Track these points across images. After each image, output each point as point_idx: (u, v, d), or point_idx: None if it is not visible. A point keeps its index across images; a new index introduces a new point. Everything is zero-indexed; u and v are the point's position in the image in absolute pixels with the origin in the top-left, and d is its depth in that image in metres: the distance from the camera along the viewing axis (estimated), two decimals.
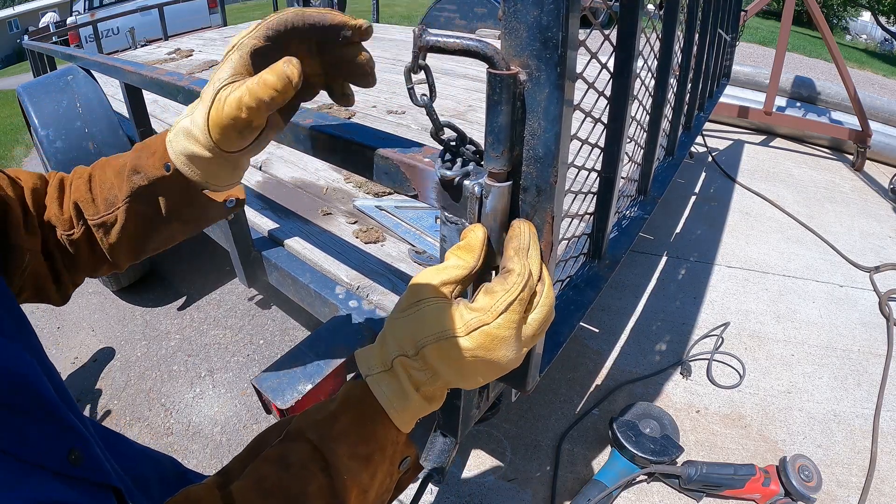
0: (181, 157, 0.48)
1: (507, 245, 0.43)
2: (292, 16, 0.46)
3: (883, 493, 1.42)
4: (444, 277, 0.41)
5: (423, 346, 0.39)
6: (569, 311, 0.91)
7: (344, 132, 0.59)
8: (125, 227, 0.51)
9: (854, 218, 2.79)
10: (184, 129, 0.47)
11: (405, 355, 0.39)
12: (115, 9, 7.23)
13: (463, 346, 0.38)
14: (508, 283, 0.39)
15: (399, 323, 0.40)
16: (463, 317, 0.38)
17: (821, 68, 6.37)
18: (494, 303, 0.38)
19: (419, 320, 0.39)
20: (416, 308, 0.40)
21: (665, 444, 1.40)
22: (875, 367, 1.83)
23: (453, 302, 0.40)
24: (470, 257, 0.42)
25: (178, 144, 0.47)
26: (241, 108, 0.43)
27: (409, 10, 11.07)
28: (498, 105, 0.41)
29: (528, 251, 0.41)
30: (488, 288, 0.40)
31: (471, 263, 0.42)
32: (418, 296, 0.40)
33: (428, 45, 0.40)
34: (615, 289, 2.19)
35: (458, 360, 0.38)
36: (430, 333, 0.38)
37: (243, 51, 0.45)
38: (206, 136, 0.45)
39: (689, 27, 1.39)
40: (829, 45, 3.29)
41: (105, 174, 0.52)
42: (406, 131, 1.87)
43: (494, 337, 0.38)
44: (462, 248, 0.43)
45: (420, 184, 0.51)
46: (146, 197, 0.50)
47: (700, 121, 1.94)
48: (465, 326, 0.38)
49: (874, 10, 12.69)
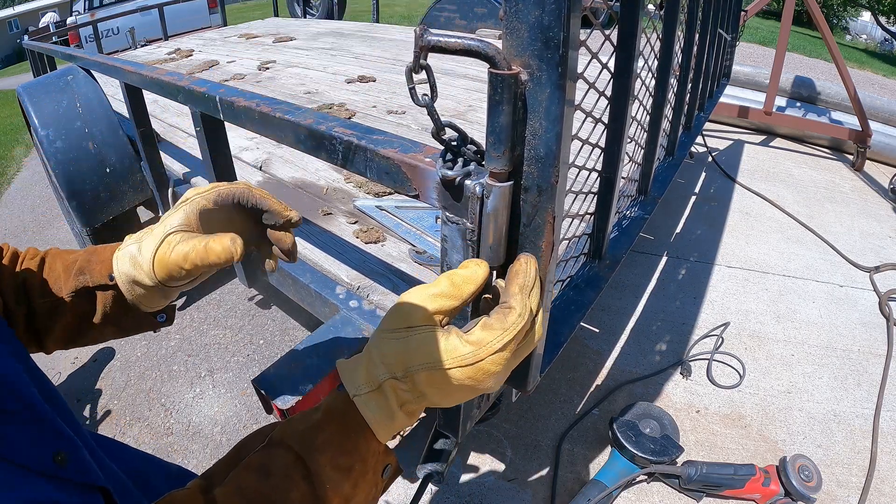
0: (123, 276, 0.53)
1: (512, 280, 0.43)
2: (240, 192, 0.54)
3: (883, 493, 1.42)
4: (438, 307, 0.41)
5: (414, 371, 0.39)
6: (569, 311, 0.91)
7: (344, 132, 0.59)
8: (63, 318, 0.55)
9: (854, 218, 2.79)
10: (131, 254, 0.52)
11: (394, 377, 0.40)
12: (115, 9, 7.23)
13: (454, 376, 0.39)
14: (508, 321, 0.40)
15: (389, 344, 0.40)
16: (458, 349, 0.39)
17: (821, 68, 6.37)
18: (492, 340, 0.39)
19: (411, 347, 0.40)
20: (407, 333, 0.40)
21: (665, 444, 1.40)
22: (875, 367, 1.83)
23: (446, 331, 0.40)
24: (466, 290, 0.42)
25: (123, 266, 0.53)
26: (186, 261, 0.50)
27: (409, 10, 11.07)
28: (499, 105, 0.41)
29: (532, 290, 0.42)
30: (486, 323, 0.40)
31: (465, 297, 0.42)
32: (410, 320, 0.40)
33: (429, 45, 0.40)
34: (615, 289, 2.19)
35: (447, 387, 0.40)
36: (422, 362, 0.39)
37: (194, 207, 0.52)
38: (149, 269, 0.51)
39: (689, 27, 1.39)
40: (829, 45, 3.29)
41: (55, 264, 0.56)
42: (406, 131, 1.87)
43: (486, 371, 0.39)
44: (461, 278, 0.43)
45: (421, 184, 0.51)
46: (87, 297, 0.55)
47: (700, 121, 1.95)
48: (460, 359, 0.39)
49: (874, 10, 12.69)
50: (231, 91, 0.86)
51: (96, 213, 1.74)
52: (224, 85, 0.92)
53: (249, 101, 0.79)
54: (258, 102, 0.77)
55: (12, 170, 4.25)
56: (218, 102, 0.86)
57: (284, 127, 0.70)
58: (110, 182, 1.72)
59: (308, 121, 0.64)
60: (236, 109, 0.82)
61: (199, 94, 0.91)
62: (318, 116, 0.65)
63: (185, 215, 0.52)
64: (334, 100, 2.16)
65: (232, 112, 0.84)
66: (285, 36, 3.56)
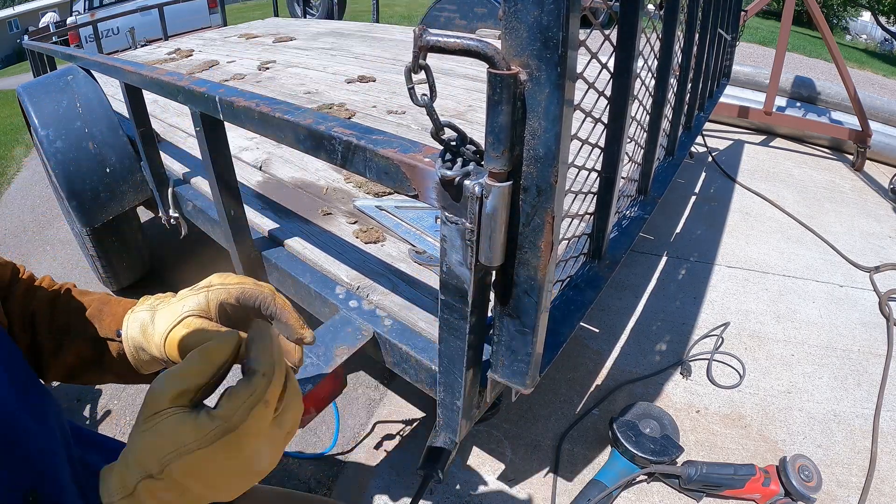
0: (131, 341, 0.52)
1: (251, 345, 0.40)
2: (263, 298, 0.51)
3: (883, 493, 1.42)
4: (184, 386, 0.37)
5: (167, 463, 0.35)
6: (569, 310, 0.91)
7: (344, 132, 0.59)
8: (65, 358, 0.55)
9: (854, 218, 2.79)
10: (142, 322, 0.52)
11: (150, 476, 0.36)
12: (115, 9, 7.24)
13: (208, 457, 0.35)
14: (253, 384, 0.37)
15: (138, 438, 0.37)
16: (204, 426, 0.35)
17: (821, 68, 6.37)
18: (238, 405, 0.36)
19: (158, 435, 0.36)
20: (153, 421, 0.36)
21: (665, 444, 1.40)
22: (875, 367, 1.83)
23: (195, 410, 0.37)
24: (216, 360, 0.39)
25: (133, 330, 0.52)
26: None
27: (409, 10, 11.07)
28: (498, 105, 0.41)
29: (272, 350, 0.40)
30: (231, 391, 0.37)
31: (213, 370, 0.39)
32: (156, 407, 0.37)
33: (429, 45, 0.40)
34: (615, 289, 2.19)
35: (207, 473, 0.36)
36: (171, 450, 0.35)
37: (216, 297, 0.50)
38: (159, 345, 0.50)
39: (689, 27, 1.39)
40: (829, 45, 3.29)
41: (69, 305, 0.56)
42: (406, 131, 1.87)
43: (243, 444, 0.36)
44: (210, 351, 0.40)
45: (420, 184, 0.51)
46: (93, 345, 0.55)
47: (700, 121, 1.95)
48: (207, 437, 0.35)
49: (874, 10, 12.69)
50: (231, 91, 0.86)
51: (96, 213, 1.74)
52: (224, 85, 0.92)
53: (249, 101, 0.79)
54: (258, 102, 0.77)
55: (12, 170, 4.25)
56: (218, 102, 0.86)
57: (284, 127, 0.70)
58: (110, 182, 1.72)
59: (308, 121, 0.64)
60: (236, 109, 0.82)
61: (199, 94, 0.91)
62: (317, 116, 0.65)
63: (203, 302, 0.50)
64: (334, 100, 2.16)
65: (232, 112, 0.84)
66: (285, 36, 3.56)
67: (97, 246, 2.01)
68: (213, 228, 1.40)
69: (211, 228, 1.42)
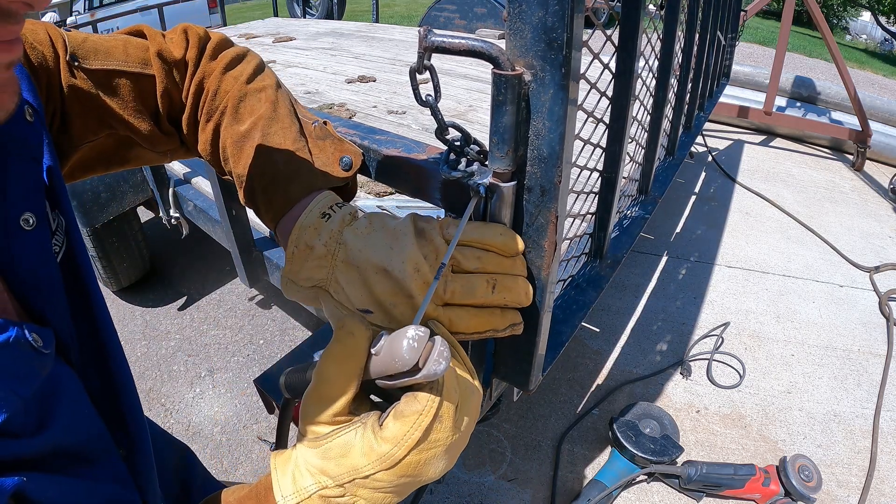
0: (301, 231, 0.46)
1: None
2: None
3: (883, 493, 1.42)
4: (331, 411, 0.36)
5: (342, 482, 0.35)
6: (571, 310, 0.91)
7: (347, 132, 0.59)
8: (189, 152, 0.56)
9: (854, 218, 2.79)
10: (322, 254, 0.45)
11: (325, 487, 0.36)
12: (115, 9, 7.24)
13: (383, 480, 0.35)
14: (420, 402, 0.34)
15: (308, 455, 0.37)
16: (374, 450, 0.34)
17: (821, 68, 6.38)
18: (406, 431, 0.34)
19: (330, 457, 0.36)
20: (324, 441, 0.36)
21: (665, 444, 1.40)
22: (875, 367, 1.84)
23: (361, 424, 0.36)
24: (351, 370, 0.36)
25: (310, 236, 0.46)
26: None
27: (409, 10, 11.07)
28: (503, 105, 0.41)
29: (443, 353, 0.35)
30: (398, 411, 0.35)
31: (354, 382, 0.36)
32: (317, 432, 0.37)
33: (433, 46, 0.40)
34: (616, 289, 2.19)
35: (384, 490, 0.36)
36: (344, 471, 0.35)
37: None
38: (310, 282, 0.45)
39: (689, 27, 1.40)
40: (829, 45, 3.29)
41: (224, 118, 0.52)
42: (407, 131, 1.87)
43: (416, 465, 0.35)
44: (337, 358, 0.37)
45: (424, 184, 0.51)
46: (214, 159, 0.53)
47: (700, 121, 1.95)
48: (380, 462, 0.34)
49: (874, 10, 12.70)
50: None
51: (96, 213, 1.74)
52: None
53: None
54: None
55: None
56: None
57: None
58: (110, 182, 1.72)
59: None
60: None
61: None
62: (318, 116, 0.65)
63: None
64: (334, 100, 2.16)
65: None
66: (285, 36, 3.55)
67: (97, 246, 2.01)
68: (214, 228, 1.40)
69: (212, 228, 1.42)
